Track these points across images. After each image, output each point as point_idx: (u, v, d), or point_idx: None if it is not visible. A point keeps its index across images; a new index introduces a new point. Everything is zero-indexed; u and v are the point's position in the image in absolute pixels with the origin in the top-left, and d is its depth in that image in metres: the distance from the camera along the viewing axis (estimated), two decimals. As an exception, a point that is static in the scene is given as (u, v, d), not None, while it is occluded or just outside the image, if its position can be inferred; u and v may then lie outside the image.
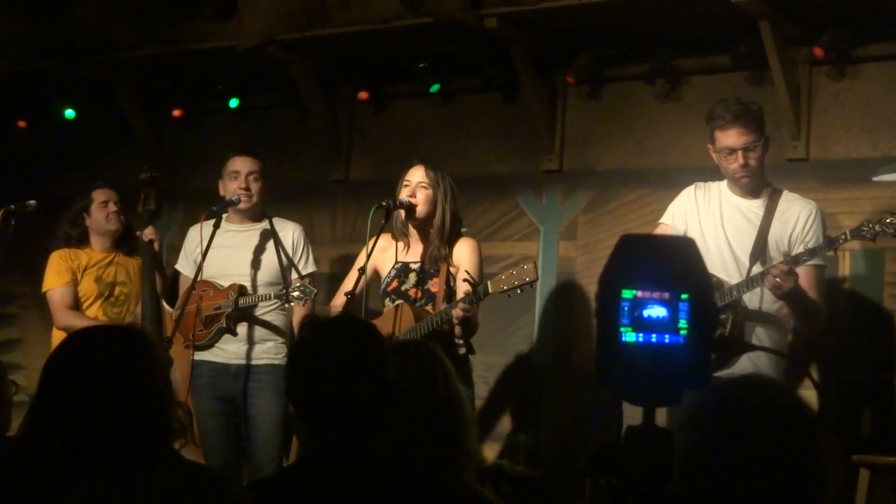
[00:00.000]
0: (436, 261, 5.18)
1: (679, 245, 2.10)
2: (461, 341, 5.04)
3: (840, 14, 5.49)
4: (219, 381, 5.55)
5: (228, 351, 5.55)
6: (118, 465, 2.45)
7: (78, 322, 6.00)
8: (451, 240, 5.22)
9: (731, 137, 4.79)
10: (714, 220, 4.91)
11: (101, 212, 6.21)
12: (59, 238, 6.24)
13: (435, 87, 6.57)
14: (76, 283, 6.15)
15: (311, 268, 5.73)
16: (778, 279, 4.51)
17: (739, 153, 4.78)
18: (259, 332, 5.55)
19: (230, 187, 5.66)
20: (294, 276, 5.61)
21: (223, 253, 5.59)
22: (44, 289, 6.20)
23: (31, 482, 2.45)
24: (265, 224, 5.68)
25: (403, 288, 5.23)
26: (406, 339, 4.86)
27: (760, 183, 4.91)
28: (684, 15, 5.71)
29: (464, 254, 5.19)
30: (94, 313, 6.13)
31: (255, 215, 5.73)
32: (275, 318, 5.58)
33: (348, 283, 5.26)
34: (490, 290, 4.86)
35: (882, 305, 5.51)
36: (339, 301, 5.30)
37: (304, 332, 3.03)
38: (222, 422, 5.58)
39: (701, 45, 5.93)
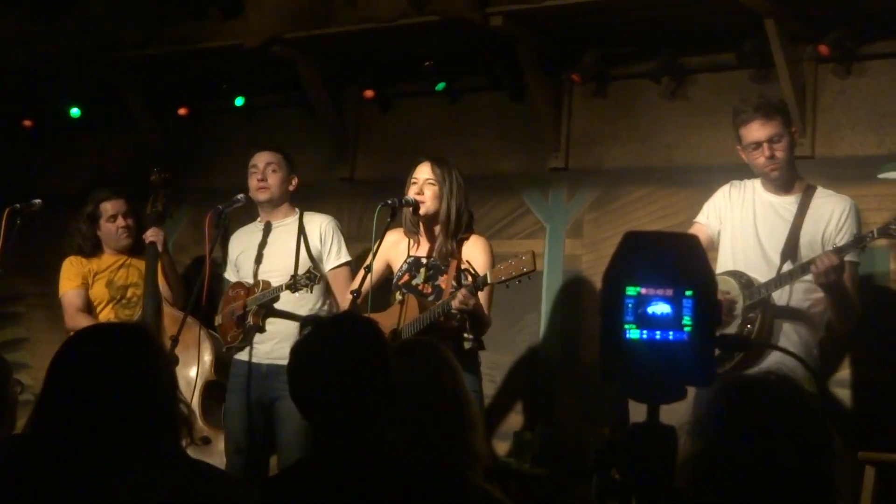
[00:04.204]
0: (445, 256, 5.20)
1: (683, 242, 2.10)
2: (469, 336, 5.05)
3: (845, 12, 5.48)
4: (252, 382, 5.56)
5: (261, 350, 5.56)
6: (124, 463, 2.45)
7: (85, 324, 6.01)
8: (461, 235, 5.24)
9: (754, 130, 4.76)
10: (747, 219, 4.87)
11: (111, 226, 6.21)
12: (73, 248, 6.26)
13: (441, 86, 6.56)
14: (87, 286, 6.17)
15: (343, 258, 5.70)
16: (825, 267, 4.43)
17: (765, 145, 4.75)
18: (287, 328, 5.48)
19: (251, 183, 5.71)
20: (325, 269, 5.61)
21: (253, 253, 5.64)
22: (59, 293, 6.24)
23: (37, 481, 2.45)
24: (293, 219, 5.72)
25: (414, 282, 5.25)
26: (413, 338, 4.85)
27: (792, 178, 4.86)
28: (690, 13, 5.70)
29: (475, 253, 5.21)
30: (107, 316, 6.15)
31: (282, 210, 5.75)
32: (304, 314, 5.53)
33: (356, 282, 5.27)
34: (489, 280, 4.87)
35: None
36: (347, 299, 5.31)
37: (304, 331, 3.02)
38: (251, 422, 5.55)
39: (707, 42, 5.92)
